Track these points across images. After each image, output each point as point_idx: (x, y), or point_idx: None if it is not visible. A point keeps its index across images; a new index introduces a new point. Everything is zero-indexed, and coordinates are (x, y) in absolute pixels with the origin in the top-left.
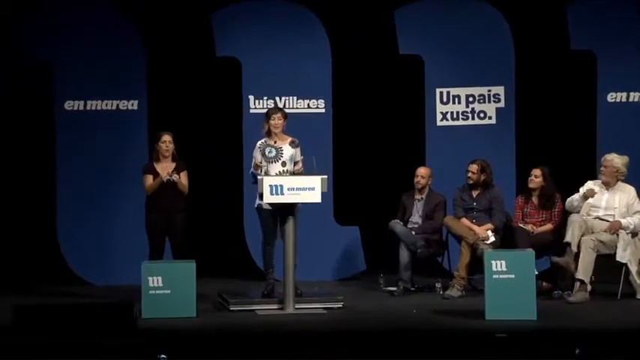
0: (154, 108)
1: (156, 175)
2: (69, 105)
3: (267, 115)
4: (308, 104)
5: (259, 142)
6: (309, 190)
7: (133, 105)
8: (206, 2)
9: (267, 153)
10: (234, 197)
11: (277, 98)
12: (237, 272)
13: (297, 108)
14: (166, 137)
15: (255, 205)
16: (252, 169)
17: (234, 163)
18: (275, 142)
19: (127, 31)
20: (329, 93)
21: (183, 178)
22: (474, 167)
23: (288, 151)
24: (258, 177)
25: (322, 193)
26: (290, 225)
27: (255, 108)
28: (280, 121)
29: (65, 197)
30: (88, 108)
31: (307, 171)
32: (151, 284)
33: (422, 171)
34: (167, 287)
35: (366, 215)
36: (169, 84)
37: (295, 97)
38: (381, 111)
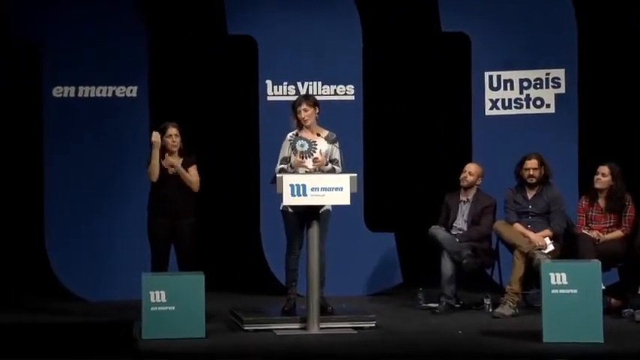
0: (156, 95)
1: (161, 171)
2: (58, 91)
3: (293, 108)
4: (335, 90)
5: (290, 135)
6: (336, 190)
7: (131, 91)
8: None
9: (298, 147)
10: (249, 198)
11: (299, 83)
12: (253, 286)
13: (322, 95)
14: (172, 130)
15: (281, 208)
16: (277, 168)
17: (250, 159)
18: (308, 135)
19: (126, 6)
20: (359, 77)
21: (192, 174)
22: (532, 162)
23: (323, 146)
24: (277, 175)
25: (351, 194)
26: (314, 231)
27: (274, 95)
28: (309, 112)
29: (54, 199)
30: (80, 95)
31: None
32: (152, 299)
33: (471, 167)
34: (172, 303)
35: (403, 220)
36: (174, 67)
37: (320, 83)
38: (419, 99)
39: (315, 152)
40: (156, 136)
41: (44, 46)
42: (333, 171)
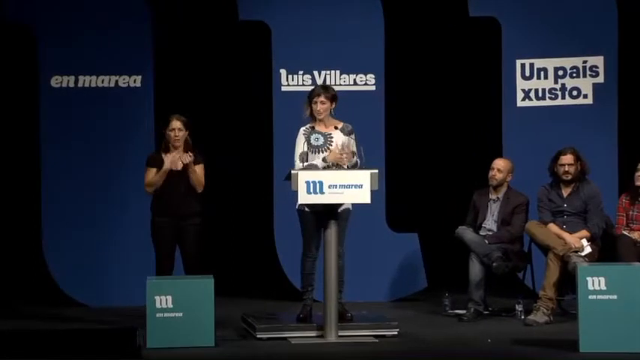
0: (161, 85)
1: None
2: (56, 81)
3: (309, 98)
4: (354, 80)
5: (303, 129)
6: (355, 187)
7: (135, 81)
8: None
9: (312, 141)
10: (262, 197)
11: (315, 73)
12: (266, 291)
13: (340, 85)
14: (176, 123)
15: (296, 207)
16: (298, 165)
17: (262, 155)
18: (323, 128)
19: None
20: (380, 66)
21: (199, 173)
22: (568, 158)
23: (338, 138)
24: (292, 171)
25: (372, 192)
26: (332, 232)
27: (288, 85)
28: (325, 105)
29: (51, 198)
30: (80, 85)
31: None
32: (158, 305)
33: (500, 163)
34: (178, 309)
35: (428, 220)
36: (180, 55)
37: (338, 72)
38: (445, 89)
39: (331, 146)
40: (171, 163)
41: (41, 32)
42: (355, 166)
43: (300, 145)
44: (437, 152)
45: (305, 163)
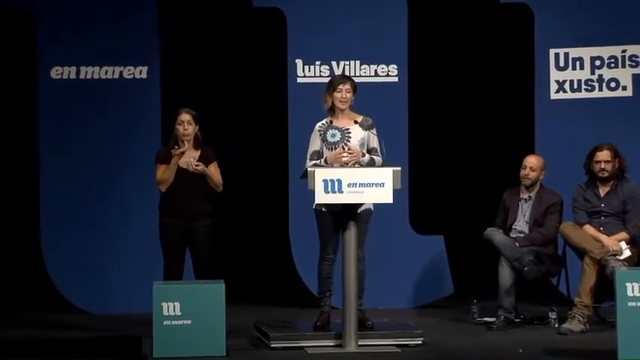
0: (169, 77)
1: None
2: (57, 72)
3: (332, 86)
4: (375, 71)
5: (319, 124)
6: (376, 186)
7: (141, 73)
8: None
9: (329, 137)
10: (276, 196)
11: (334, 63)
12: (281, 296)
13: (361, 76)
14: (185, 116)
15: (314, 206)
16: (308, 164)
17: (277, 151)
18: (341, 122)
19: None
20: (403, 56)
21: (214, 172)
22: (605, 154)
23: (357, 133)
24: (309, 169)
25: (394, 191)
26: (351, 234)
27: (305, 76)
28: (349, 95)
29: (50, 197)
30: (82, 76)
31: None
32: (165, 312)
33: (532, 161)
34: (187, 316)
35: (454, 221)
36: (190, 44)
37: (358, 62)
38: (473, 81)
39: (348, 142)
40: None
41: (41, 19)
42: (372, 163)
43: (315, 143)
44: (464, 148)
45: (311, 162)
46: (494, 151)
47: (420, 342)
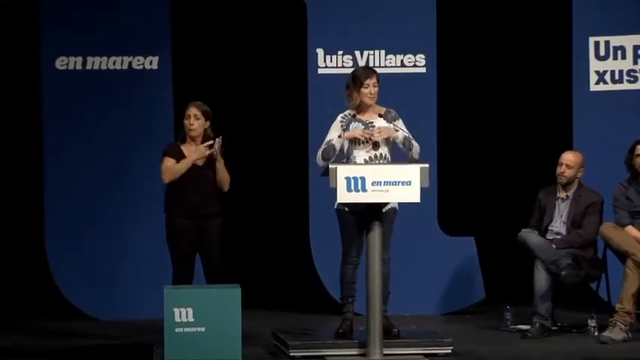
0: (181, 67)
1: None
2: (62, 63)
3: (358, 81)
4: (402, 61)
5: (342, 115)
6: (403, 184)
7: (151, 63)
8: None
9: (351, 130)
10: (295, 195)
11: (357, 53)
12: (301, 302)
13: (386, 67)
14: (192, 110)
15: (335, 207)
16: (319, 154)
17: (296, 147)
18: (365, 116)
19: None
20: (432, 45)
21: (221, 170)
22: None
23: (382, 127)
24: (330, 166)
25: (422, 190)
26: (376, 235)
27: (326, 67)
28: (376, 88)
29: (56, 196)
30: (89, 67)
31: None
32: (177, 319)
33: (569, 158)
34: (200, 323)
35: (486, 221)
36: (203, 33)
37: (383, 52)
38: (506, 71)
39: (373, 136)
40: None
41: (45, 6)
42: (409, 142)
43: (334, 133)
44: (497, 144)
45: (324, 146)
46: (529, 147)
47: (450, 351)
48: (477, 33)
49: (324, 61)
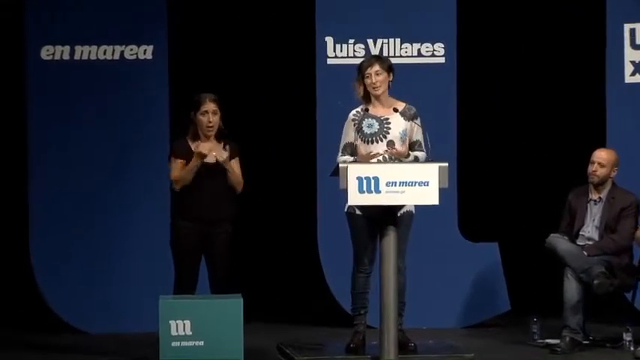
0: (177, 57)
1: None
2: (47, 53)
3: (360, 72)
4: (419, 50)
5: (353, 112)
6: (420, 185)
7: (145, 53)
8: None
9: (365, 128)
10: (303, 197)
11: (370, 41)
12: (309, 314)
13: (401, 57)
14: (209, 105)
15: (345, 209)
16: (339, 159)
17: (304, 145)
18: (379, 111)
19: None
20: (452, 33)
21: (235, 168)
22: None
23: (398, 124)
24: (340, 165)
25: (441, 191)
26: (390, 241)
27: (336, 57)
28: (380, 77)
29: (41, 197)
30: (77, 57)
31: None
32: (174, 332)
33: (601, 157)
34: (199, 336)
35: (511, 226)
36: (202, 21)
37: (399, 40)
38: (533, 61)
39: (388, 134)
40: (205, 150)
41: None
42: (415, 160)
43: (349, 134)
44: (522, 141)
45: (342, 157)
46: (558, 144)
47: None
48: (502, 19)
49: (334, 51)
